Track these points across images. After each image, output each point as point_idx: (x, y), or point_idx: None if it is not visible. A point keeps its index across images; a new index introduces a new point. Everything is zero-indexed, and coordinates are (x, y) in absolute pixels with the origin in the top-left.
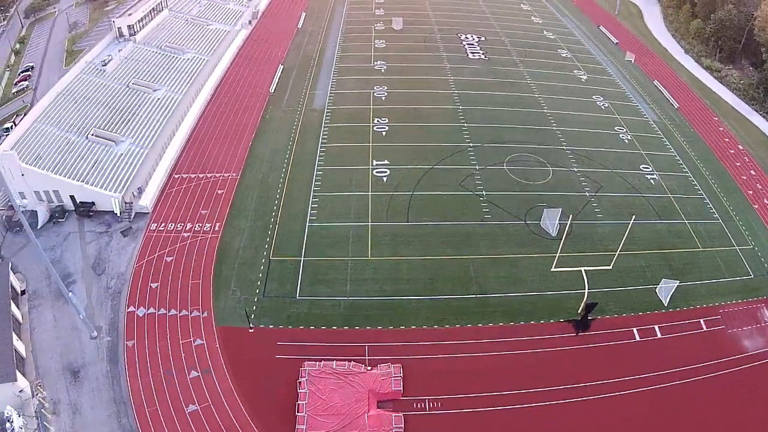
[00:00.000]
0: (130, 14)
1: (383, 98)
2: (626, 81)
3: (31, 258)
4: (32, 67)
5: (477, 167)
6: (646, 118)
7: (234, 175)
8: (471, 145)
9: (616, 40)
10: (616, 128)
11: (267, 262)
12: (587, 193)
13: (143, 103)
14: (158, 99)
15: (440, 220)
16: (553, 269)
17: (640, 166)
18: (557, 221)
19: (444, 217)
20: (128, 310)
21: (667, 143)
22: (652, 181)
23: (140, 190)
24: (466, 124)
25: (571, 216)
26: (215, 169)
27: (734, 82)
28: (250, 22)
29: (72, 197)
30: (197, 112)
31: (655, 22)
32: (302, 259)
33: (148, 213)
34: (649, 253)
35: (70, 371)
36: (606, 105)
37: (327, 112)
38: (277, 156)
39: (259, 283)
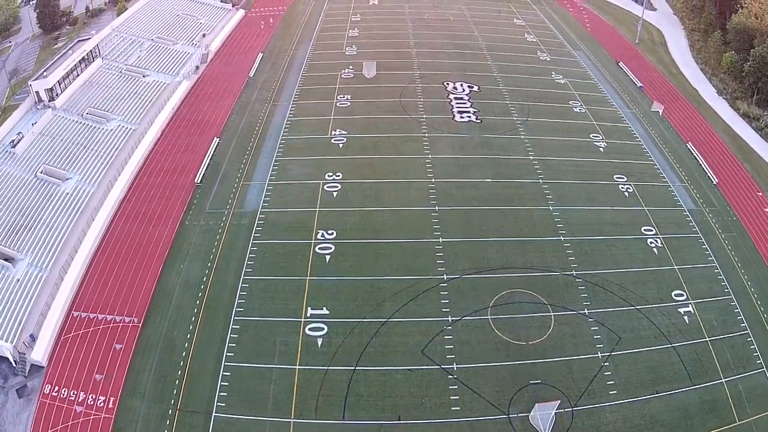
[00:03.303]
0: (46, 76)
1: (335, 194)
2: (655, 146)
3: None
4: None
5: (450, 319)
6: (681, 206)
7: (136, 321)
8: (445, 277)
9: (640, 83)
10: (643, 229)
11: None
12: (599, 354)
13: (50, 200)
14: (66, 194)
15: (388, 418)
16: None
17: (673, 294)
18: (553, 412)
19: (394, 411)
20: None
21: (706, 247)
22: (686, 317)
23: (32, 338)
24: (441, 239)
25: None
26: (116, 307)
27: None
28: (197, 67)
29: None
30: (108, 213)
31: (681, 53)
32: None
33: (43, 366)
34: None
35: None
36: (630, 190)
37: (259, 219)
38: (188, 294)
39: None
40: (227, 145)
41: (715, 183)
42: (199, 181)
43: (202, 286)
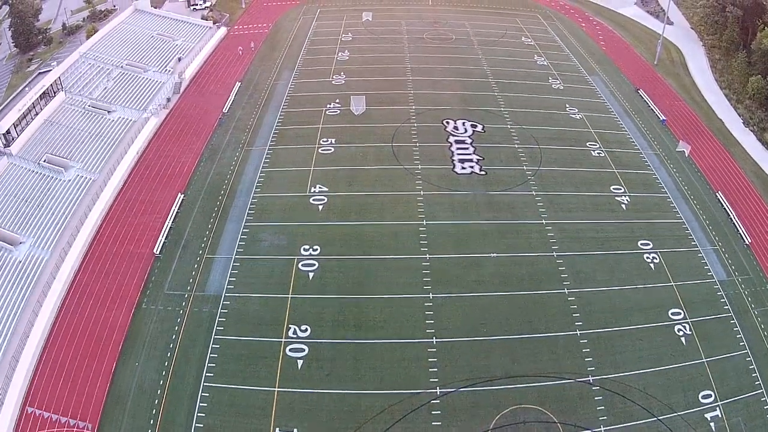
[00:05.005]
0: None
1: (311, 275)
2: (682, 199)
3: None
4: None
5: None
6: (711, 277)
7: (90, 428)
8: (438, 391)
9: (663, 117)
10: (671, 313)
11: None
12: None
13: (0, 271)
14: (19, 262)
15: None
16: None
17: (700, 396)
18: None
19: None
20: None
21: (738, 329)
22: (712, 424)
23: None
24: (435, 339)
25: None
26: (69, 409)
27: None
28: (168, 99)
29: None
30: (61, 289)
31: (703, 75)
32: None
33: None
34: None
35: None
36: (657, 260)
37: (223, 307)
38: (143, 400)
39: None
40: (192, 203)
41: (747, 243)
42: (158, 252)
43: (159, 391)
